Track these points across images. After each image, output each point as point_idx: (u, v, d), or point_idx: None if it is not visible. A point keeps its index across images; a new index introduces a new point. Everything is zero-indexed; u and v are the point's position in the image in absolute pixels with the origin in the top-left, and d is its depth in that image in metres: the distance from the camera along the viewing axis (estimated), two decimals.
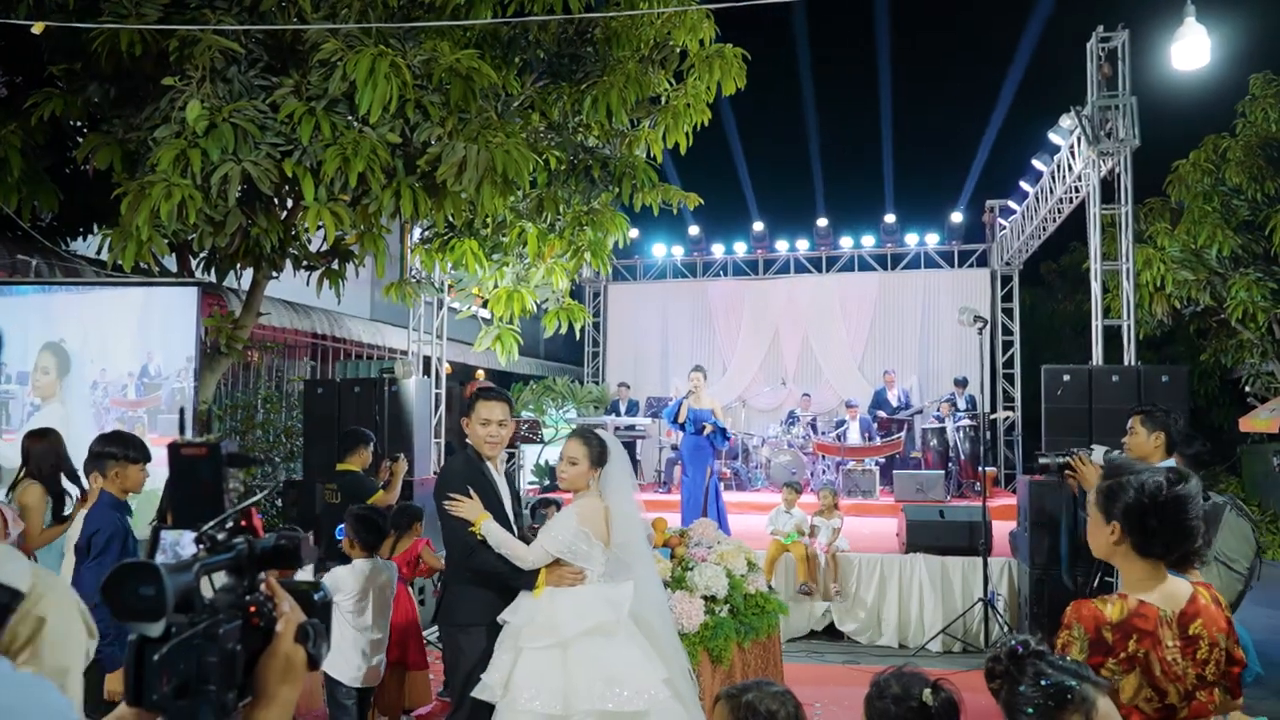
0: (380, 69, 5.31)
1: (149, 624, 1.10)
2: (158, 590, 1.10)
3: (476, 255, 7.36)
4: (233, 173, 5.40)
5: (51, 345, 6.83)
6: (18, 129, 6.44)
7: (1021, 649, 1.82)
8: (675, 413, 9.09)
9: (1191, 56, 7.31)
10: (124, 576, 1.10)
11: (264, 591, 1.32)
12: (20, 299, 6.99)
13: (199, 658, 1.14)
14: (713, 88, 7.65)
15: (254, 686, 1.22)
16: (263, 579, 1.34)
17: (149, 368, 6.78)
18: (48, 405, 6.71)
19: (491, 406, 4.08)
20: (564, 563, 3.82)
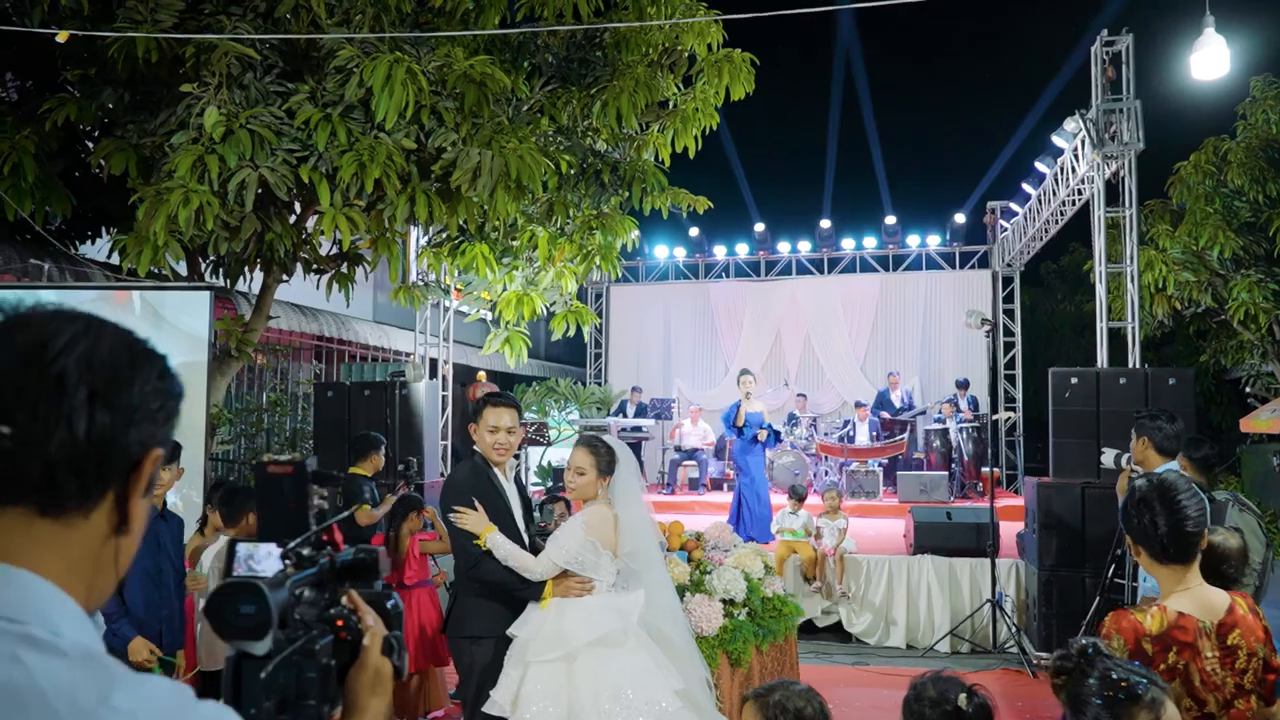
0: (397, 76, 5.35)
1: (254, 642, 1.13)
2: (261, 609, 1.13)
3: (487, 259, 7.40)
4: (250, 179, 5.44)
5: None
6: (31, 134, 6.47)
7: (1092, 649, 1.87)
8: (733, 417, 9.13)
9: (1211, 67, 7.37)
10: (227, 596, 1.14)
11: (347, 605, 1.35)
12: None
13: (298, 674, 1.17)
14: (721, 92, 7.70)
15: (345, 700, 1.25)
16: (343, 592, 1.38)
17: None
18: None
19: (500, 413, 3.99)
20: (572, 573, 3.75)
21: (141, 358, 0.91)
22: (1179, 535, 2.31)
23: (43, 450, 0.84)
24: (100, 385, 0.86)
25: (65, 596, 0.86)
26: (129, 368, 0.89)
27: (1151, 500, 2.32)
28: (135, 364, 0.90)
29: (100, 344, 0.88)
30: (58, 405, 0.84)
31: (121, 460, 0.89)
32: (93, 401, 0.86)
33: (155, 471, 0.94)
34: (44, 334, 0.86)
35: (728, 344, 16.28)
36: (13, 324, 0.87)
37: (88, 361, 0.86)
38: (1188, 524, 2.30)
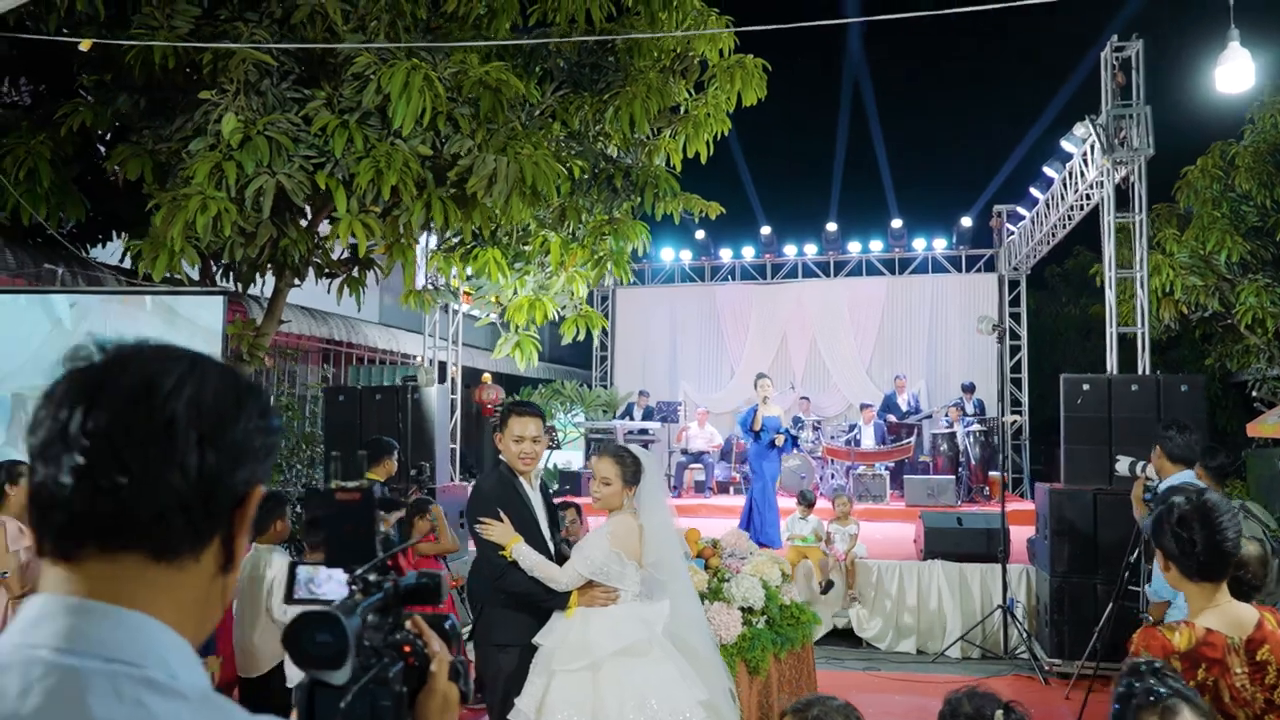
0: (414, 83, 5.36)
1: (332, 671, 1.14)
2: (339, 638, 1.14)
3: (499, 264, 7.40)
4: (267, 185, 5.45)
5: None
6: (47, 139, 6.48)
7: (1153, 664, 1.92)
8: (750, 421, 9.12)
9: (1235, 80, 7.39)
10: (304, 625, 1.14)
11: (412, 630, 1.36)
12: (43, 309, 6.99)
13: (373, 702, 1.18)
14: (733, 98, 7.70)
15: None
16: (407, 616, 1.39)
17: None
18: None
19: (525, 422, 4.01)
20: (597, 583, 3.77)
21: (245, 396, 0.92)
22: (1216, 555, 2.32)
23: (156, 496, 0.84)
24: (209, 427, 0.87)
25: (178, 638, 0.87)
26: (235, 407, 0.90)
27: (1191, 520, 2.32)
28: (240, 403, 0.91)
29: (206, 384, 0.88)
30: (170, 450, 0.85)
31: (229, 500, 0.90)
32: (202, 445, 0.86)
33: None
34: (151, 376, 0.86)
35: (733, 347, 16.29)
36: (116, 364, 0.87)
37: (196, 403, 0.87)
38: (1226, 544, 2.31)
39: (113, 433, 0.83)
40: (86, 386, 0.85)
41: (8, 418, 6.85)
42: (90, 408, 0.84)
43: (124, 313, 6.96)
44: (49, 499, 0.84)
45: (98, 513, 0.83)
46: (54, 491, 0.83)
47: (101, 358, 0.88)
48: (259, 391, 0.95)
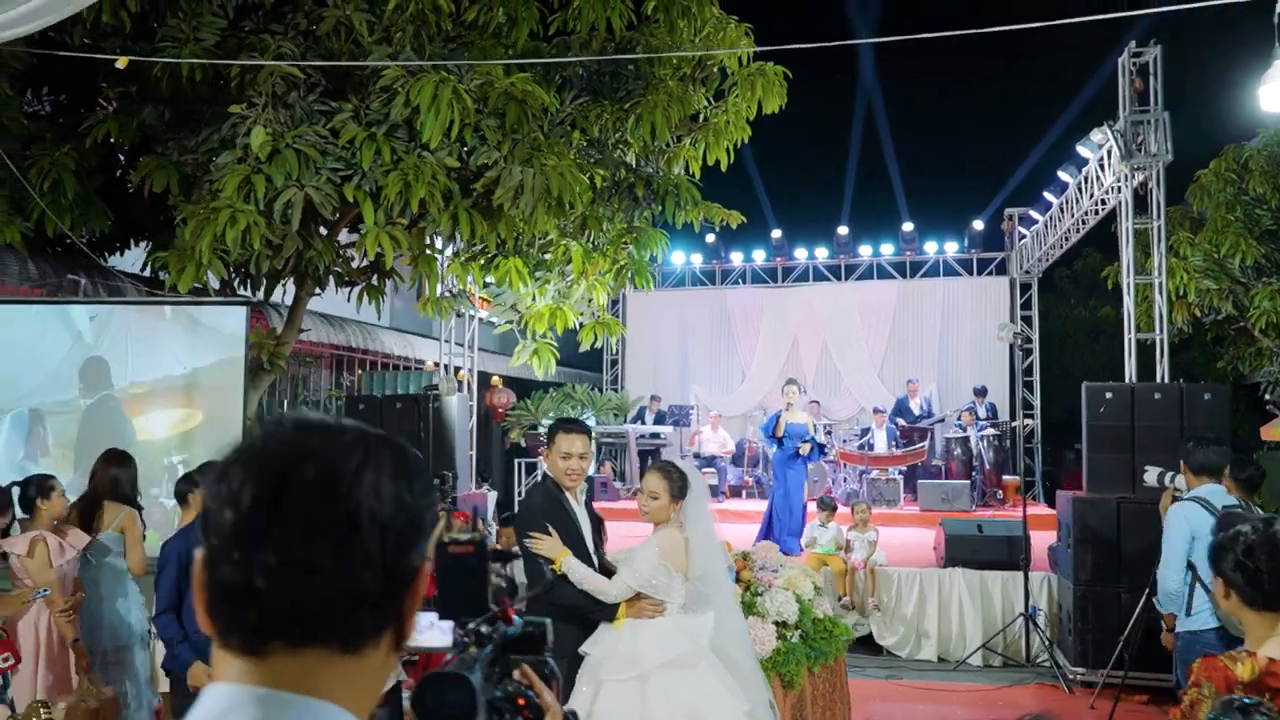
0: (443, 95, 5.36)
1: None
2: (467, 697, 1.14)
3: (520, 273, 7.40)
4: (296, 198, 5.45)
5: (101, 370, 6.82)
6: (71, 150, 6.49)
7: (1245, 700, 1.92)
8: (772, 427, 9.09)
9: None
10: (433, 686, 1.15)
11: (523, 681, 1.37)
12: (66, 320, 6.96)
13: None
14: (754, 106, 7.70)
15: None
16: (515, 664, 1.39)
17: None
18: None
19: (572, 439, 4.07)
20: (645, 595, 3.83)
21: (415, 473, 0.92)
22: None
23: (347, 591, 0.84)
24: (389, 513, 0.87)
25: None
26: (408, 489, 0.90)
27: (1259, 550, 2.32)
28: (411, 483, 0.91)
29: (383, 468, 0.88)
30: (358, 543, 0.85)
31: (406, 582, 0.90)
32: (385, 533, 0.86)
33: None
34: (332, 465, 0.86)
35: (744, 350, 16.28)
36: (295, 454, 0.86)
37: (377, 491, 0.87)
38: None
39: (303, 530, 0.83)
40: (267, 478, 0.85)
41: (25, 432, 6.85)
42: (276, 503, 0.84)
43: (145, 322, 6.95)
44: (238, 597, 0.83)
45: (291, 611, 0.83)
46: (243, 590, 0.83)
47: (274, 443, 0.87)
48: (420, 464, 0.95)
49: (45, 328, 6.80)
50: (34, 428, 6.86)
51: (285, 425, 0.89)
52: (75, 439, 6.77)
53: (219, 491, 0.86)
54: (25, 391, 6.70)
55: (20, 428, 6.80)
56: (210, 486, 0.87)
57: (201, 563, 0.87)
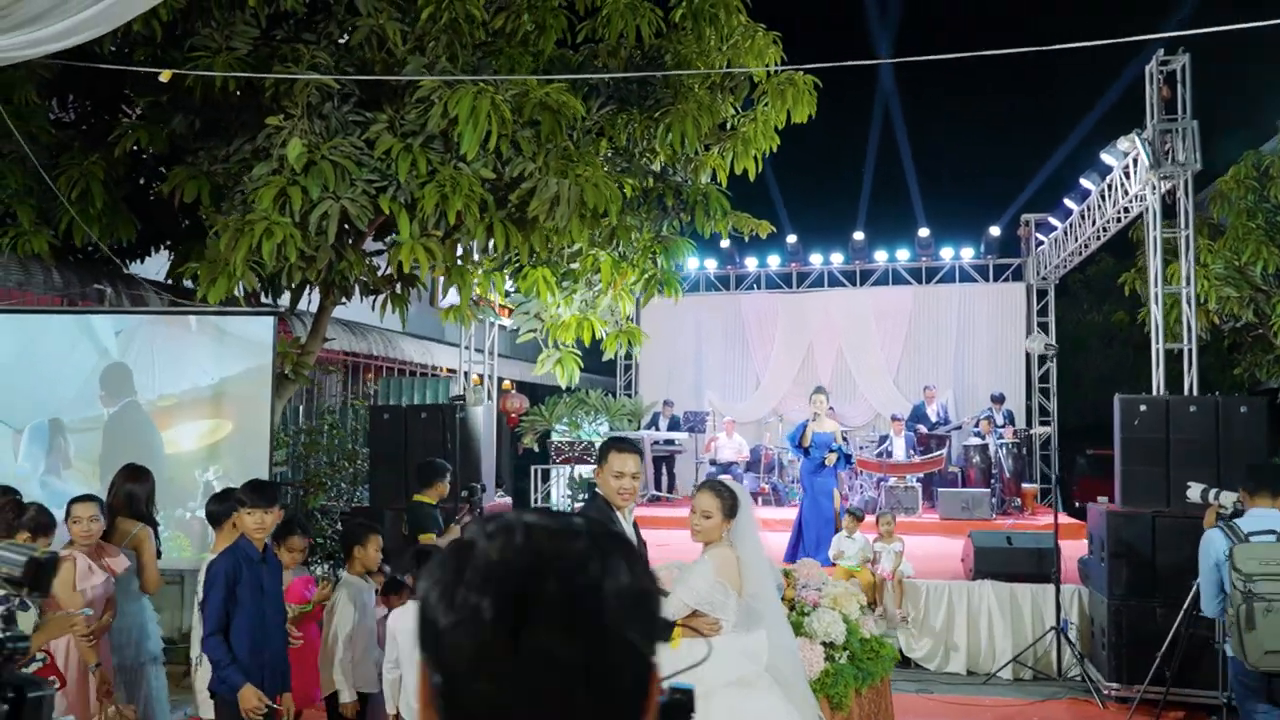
0: (481, 107, 5.30)
1: None
2: None
3: (548, 282, 7.35)
4: (332, 210, 5.40)
5: (124, 379, 6.74)
6: (99, 160, 6.43)
7: None
8: (799, 437, 9.01)
9: None
10: None
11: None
12: (89, 331, 6.88)
13: None
14: (783, 115, 7.64)
15: None
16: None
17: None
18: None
19: (625, 459, 4.04)
20: (700, 614, 3.81)
21: (643, 569, 0.86)
22: None
23: (603, 708, 0.79)
24: (632, 620, 0.81)
25: None
26: (644, 589, 0.84)
27: None
28: (647, 583, 0.85)
29: (619, 572, 0.82)
30: (610, 657, 0.79)
31: (649, 684, 0.85)
32: (631, 641, 0.81)
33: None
34: (574, 578, 0.80)
35: (759, 356, 16.21)
36: (537, 570, 0.80)
37: (619, 597, 0.81)
38: None
39: (551, 657, 0.77)
40: (506, 599, 0.79)
41: (46, 444, 6.78)
42: (518, 630, 0.78)
43: (171, 333, 6.88)
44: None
45: None
46: (496, 714, 0.77)
47: (507, 555, 0.81)
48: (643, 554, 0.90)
49: (73, 340, 6.73)
50: (54, 439, 6.79)
51: (513, 532, 0.82)
52: (100, 452, 6.69)
53: (450, 612, 0.79)
54: (52, 404, 6.63)
55: (40, 440, 6.73)
56: (436, 603, 0.81)
57: (433, 689, 0.80)
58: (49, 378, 6.65)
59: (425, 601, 0.81)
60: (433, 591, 0.81)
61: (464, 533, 0.88)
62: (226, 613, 4.22)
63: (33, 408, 6.63)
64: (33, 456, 6.75)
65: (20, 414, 6.67)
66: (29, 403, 6.64)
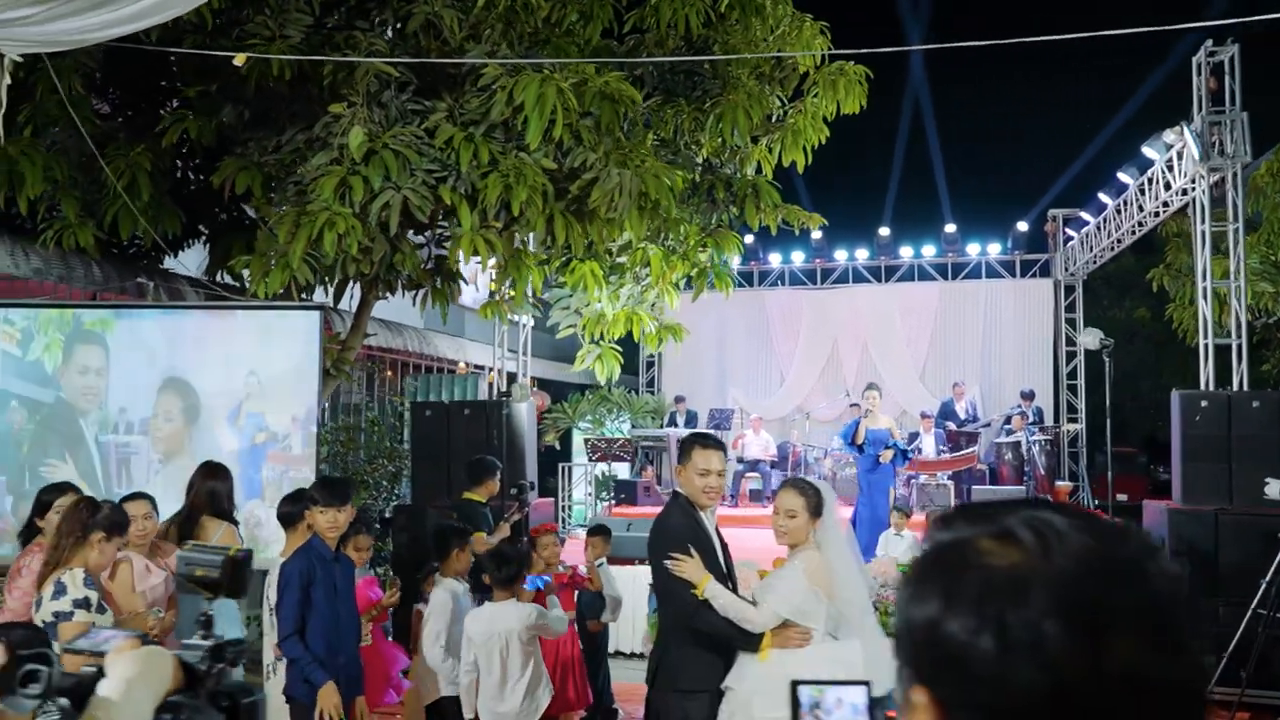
0: (549, 95, 5.17)
1: None
2: None
3: (596, 276, 7.22)
4: (394, 201, 5.27)
5: (175, 383, 6.57)
6: (145, 151, 6.30)
7: None
8: (852, 434, 8.86)
9: None
10: None
11: None
12: (133, 326, 6.74)
13: None
14: (833, 107, 7.51)
15: None
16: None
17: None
18: (173, 462, 6.39)
19: (709, 456, 3.86)
20: (790, 622, 3.64)
21: (1181, 576, 0.75)
22: None
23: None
24: (1199, 631, 0.69)
25: None
26: (1194, 600, 0.73)
27: None
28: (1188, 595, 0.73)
29: (1179, 579, 0.70)
30: (1197, 673, 0.67)
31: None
32: (1202, 663, 0.68)
33: None
34: (1149, 583, 0.68)
35: (783, 353, 16.08)
36: (1096, 574, 0.67)
37: (1187, 606, 0.69)
38: None
39: (1149, 675, 0.65)
40: (1083, 612, 0.65)
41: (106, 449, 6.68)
42: (1108, 643, 0.65)
43: (217, 327, 6.72)
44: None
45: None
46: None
47: (1065, 564, 0.67)
48: None
49: (118, 337, 6.60)
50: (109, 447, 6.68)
51: (1049, 536, 0.68)
52: (164, 452, 6.57)
53: (991, 635, 0.65)
54: (112, 404, 6.52)
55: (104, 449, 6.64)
56: (962, 629, 0.66)
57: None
58: (110, 375, 6.56)
59: (934, 627, 0.68)
60: (949, 614, 0.67)
61: (948, 536, 0.74)
62: (301, 615, 4.10)
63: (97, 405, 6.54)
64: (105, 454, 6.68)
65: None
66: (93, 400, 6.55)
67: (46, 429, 6.64)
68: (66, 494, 4.38)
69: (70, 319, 6.81)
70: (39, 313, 6.76)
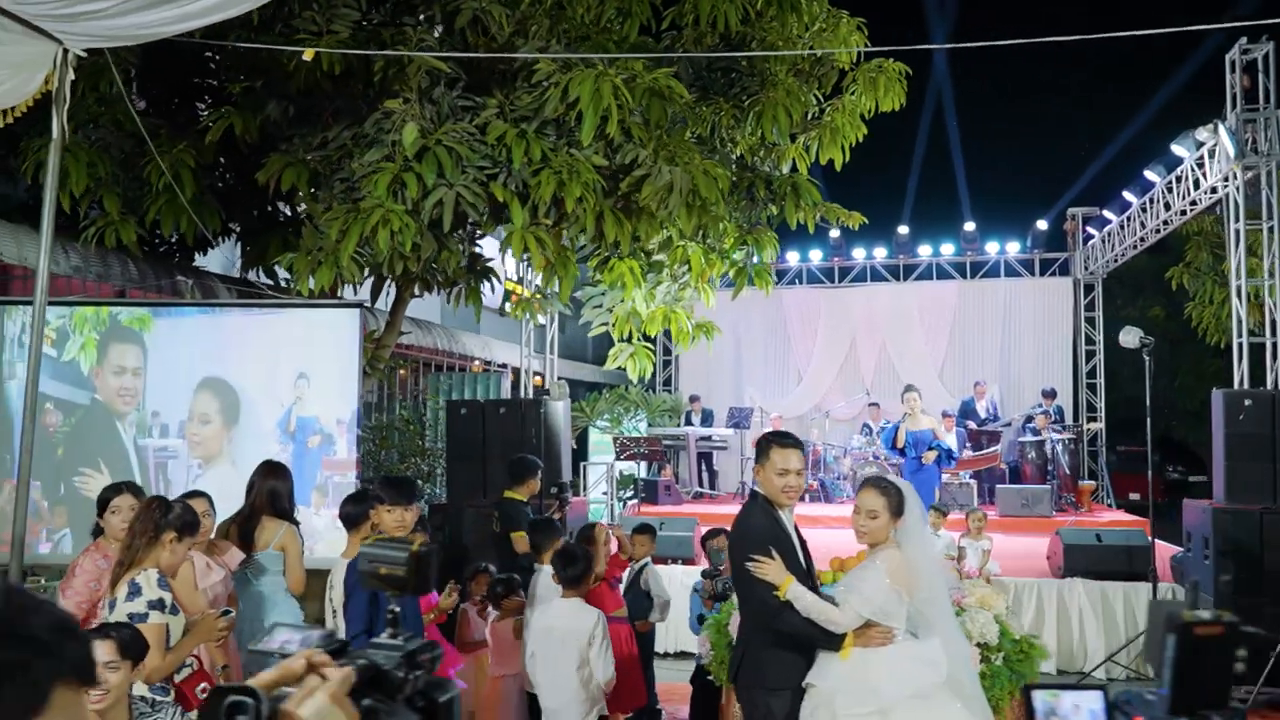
0: (604, 91, 5.13)
1: None
2: None
3: (635, 275, 7.18)
4: (447, 198, 5.23)
5: (211, 383, 6.50)
6: (188, 147, 6.26)
7: None
8: (893, 437, 8.80)
9: None
10: None
11: None
12: (171, 325, 6.67)
13: None
14: (873, 104, 7.48)
15: None
16: None
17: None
18: (212, 468, 6.34)
19: (788, 454, 3.83)
20: (872, 622, 3.63)
21: None
22: None
23: None
24: None
25: None
26: None
27: None
28: None
29: None
30: None
31: None
32: None
33: None
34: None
35: (800, 352, 16.03)
36: None
37: None
38: None
39: None
40: None
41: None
42: None
43: (262, 325, 6.68)
44: None
45: None
46: None
47: None
48: None
49: (155, 336, 6.54)
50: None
51: None
52: (202, 456, 6.52)
53: None
54: (148, 405, 6.48)
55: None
56: None
57: None
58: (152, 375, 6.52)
59: None
60: None
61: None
62: (369, 614, 4.06)
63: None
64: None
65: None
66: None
67: (83, 432, 6.58)
68: (124, 493, 4.33)
69: (107, 317, 6.76)
70: (74, 311, 6.69)
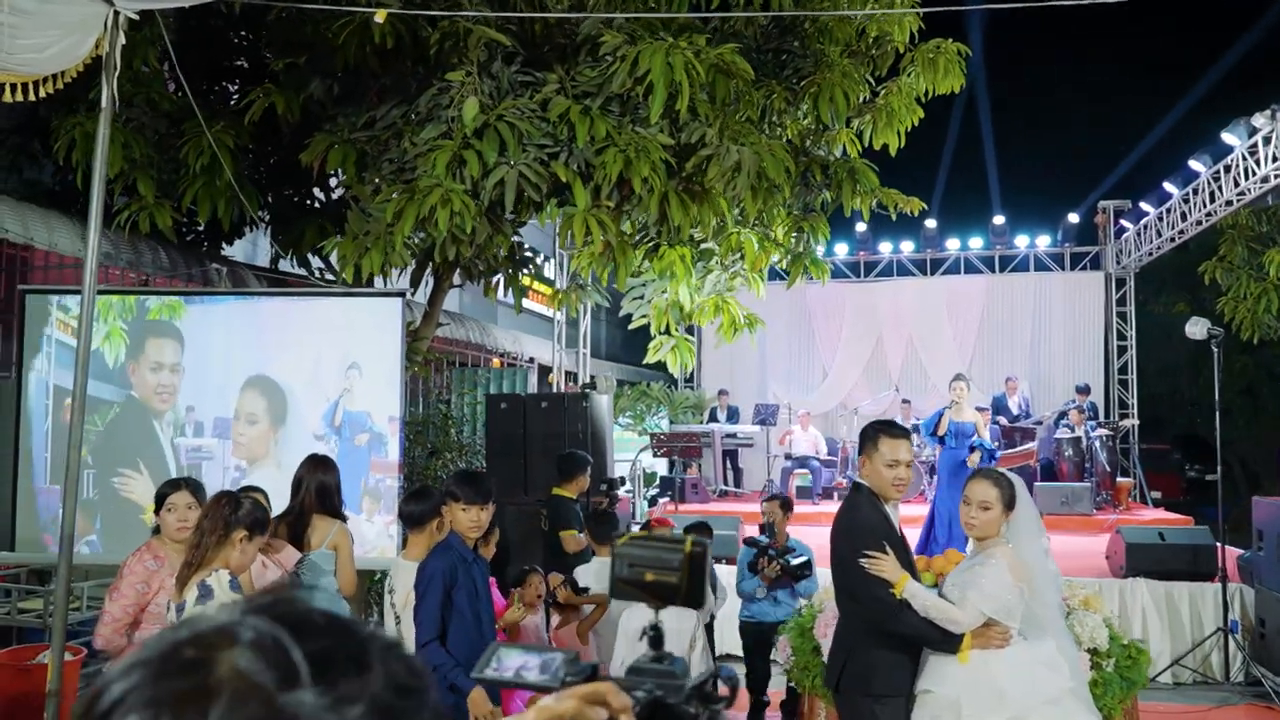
0: (677, 64, 4.84)
1: None
2: None
3: (685, 263, 6.90)
4: (509, 177, 4.95)
5: (258, 381, 6.20)
6: (226, 128, 5.97)
7: None
8: (934, 425, 8.46)
9: None
10: None
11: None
12: (203, 313, 6.38)
13: None
14: (932, 86, 7.20)
15: None
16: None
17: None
18: (257, 469, 6.04)
19: (898, 445, 3.59)
20: (992, 622, 3.40)
21: None
22: None
23: None
24: None
25: None
26: None
27: None
28: None
29: None
30: None
31: None
32: None
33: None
34: None
35: (825, 347, 15.75)
36: None
37: None
38: None
39: None
40: None
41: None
42: None
43: (301, 314, 6.37)
44: None
45: None
46: None
47: None
48: None
49: (189, 327, 6.24)
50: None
51: None
52: (246, 458, 6.22)
53: None
54: (180, 403, 6.19)
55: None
56: None
57: None
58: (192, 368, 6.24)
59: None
60: None
61: None
62: (442, 617, 3.79)
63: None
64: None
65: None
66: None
67: (116, 432, 6.26)
68: (181, 490, 4.06)
69: (133, 305, 6.47)
70: (98, 298, 6.41)
